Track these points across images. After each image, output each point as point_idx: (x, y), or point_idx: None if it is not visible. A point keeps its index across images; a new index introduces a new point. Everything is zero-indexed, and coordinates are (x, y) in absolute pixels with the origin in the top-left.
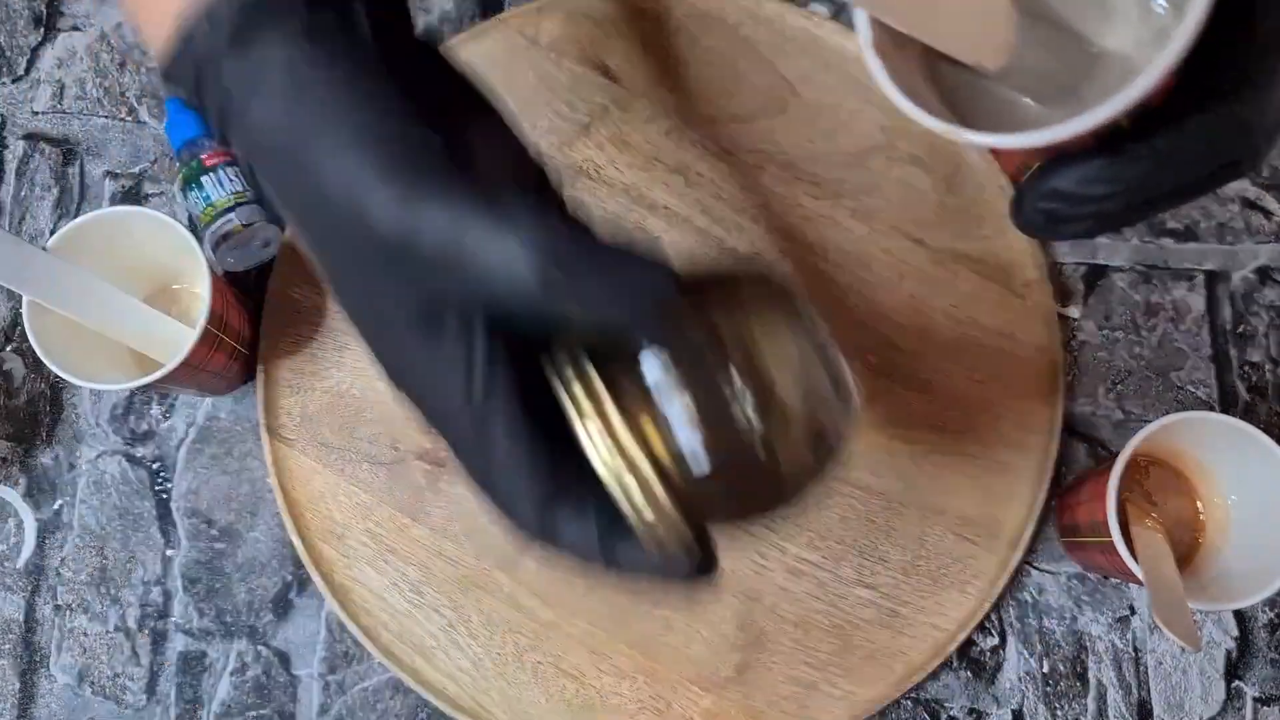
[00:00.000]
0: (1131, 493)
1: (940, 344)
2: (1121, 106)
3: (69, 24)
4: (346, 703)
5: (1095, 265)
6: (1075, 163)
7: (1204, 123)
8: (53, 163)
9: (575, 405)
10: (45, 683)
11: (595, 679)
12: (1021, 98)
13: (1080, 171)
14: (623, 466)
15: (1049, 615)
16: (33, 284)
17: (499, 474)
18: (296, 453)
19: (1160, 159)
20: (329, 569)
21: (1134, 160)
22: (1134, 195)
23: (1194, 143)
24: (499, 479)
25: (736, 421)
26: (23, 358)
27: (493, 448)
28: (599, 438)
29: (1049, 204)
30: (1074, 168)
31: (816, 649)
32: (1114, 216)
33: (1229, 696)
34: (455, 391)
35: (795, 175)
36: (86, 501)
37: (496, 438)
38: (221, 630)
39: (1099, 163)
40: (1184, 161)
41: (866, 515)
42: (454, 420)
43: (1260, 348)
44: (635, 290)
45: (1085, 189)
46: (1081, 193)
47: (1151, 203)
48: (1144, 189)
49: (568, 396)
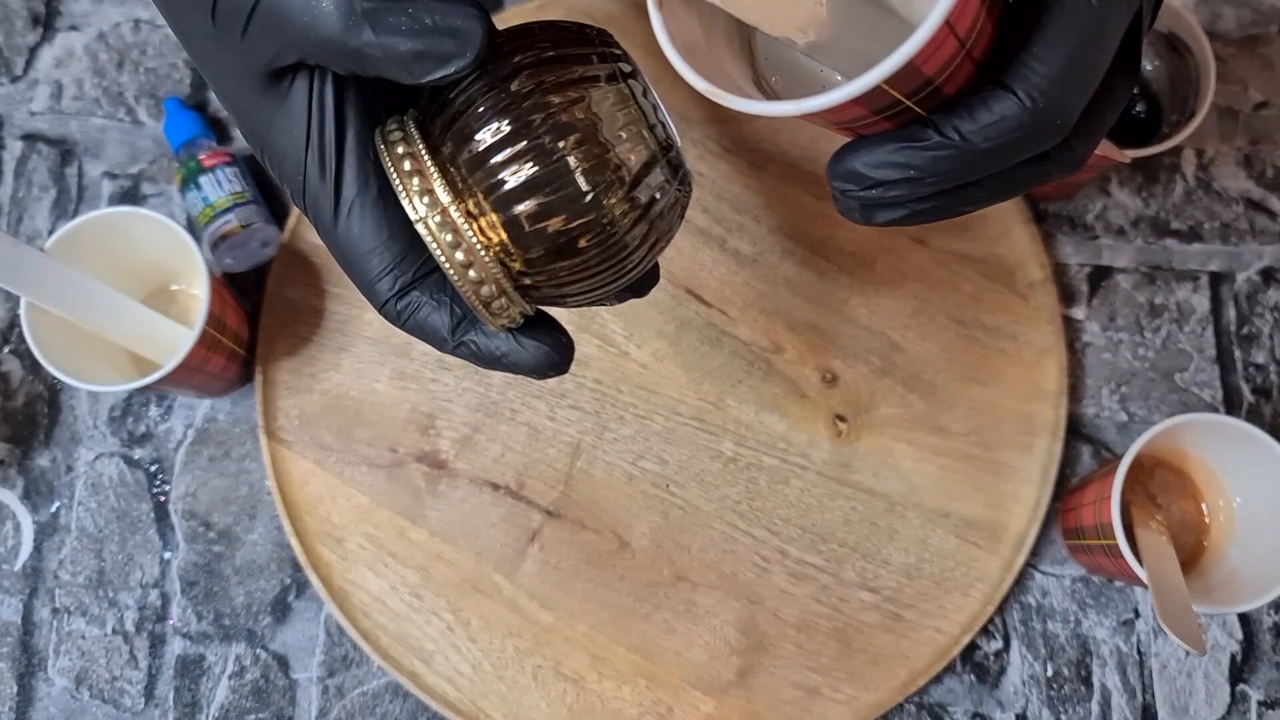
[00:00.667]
0: (1136, 495)
1: (943, 345)
2: (871, 82)
3: (67, 24)
4: (345, 706)
5: (1099, 266)
6: (867, 145)
7: (993, 111)
8: (50, 163)
9: (392, 160)
10: (43, 686)
11: (596, 683)
12: (836, 76)
13: (870, 154)
14: (434, 212)
15: (1053, 619)
16: (30, 285)
17: (354, 247)
18: (295, 455)
19: (950, 147)
20: (327, 572)
21: (922, 147)
22: (928, 183)
23: (984, 130)
24: (354, 253)
25: (556, 173)
26: (20, 359)
27: (348, 218)
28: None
29: (844, 185)
30: (865, 150)
31: (819, 653)
32: (922, 205)
33: (1234, 700)
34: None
35: (796, 175)
36: (84, 504)
37: (350, 206)
38: (220, 633)
39: (889, 147)
40: (975, 151)
41: (869, 518)
42: (311, 191)
43: (1265, 349)
44: (438, 25)
45: (876, 172)
46: (873, 175)
47: (955, 194)
48: (937, 177)
49: (386, 153)
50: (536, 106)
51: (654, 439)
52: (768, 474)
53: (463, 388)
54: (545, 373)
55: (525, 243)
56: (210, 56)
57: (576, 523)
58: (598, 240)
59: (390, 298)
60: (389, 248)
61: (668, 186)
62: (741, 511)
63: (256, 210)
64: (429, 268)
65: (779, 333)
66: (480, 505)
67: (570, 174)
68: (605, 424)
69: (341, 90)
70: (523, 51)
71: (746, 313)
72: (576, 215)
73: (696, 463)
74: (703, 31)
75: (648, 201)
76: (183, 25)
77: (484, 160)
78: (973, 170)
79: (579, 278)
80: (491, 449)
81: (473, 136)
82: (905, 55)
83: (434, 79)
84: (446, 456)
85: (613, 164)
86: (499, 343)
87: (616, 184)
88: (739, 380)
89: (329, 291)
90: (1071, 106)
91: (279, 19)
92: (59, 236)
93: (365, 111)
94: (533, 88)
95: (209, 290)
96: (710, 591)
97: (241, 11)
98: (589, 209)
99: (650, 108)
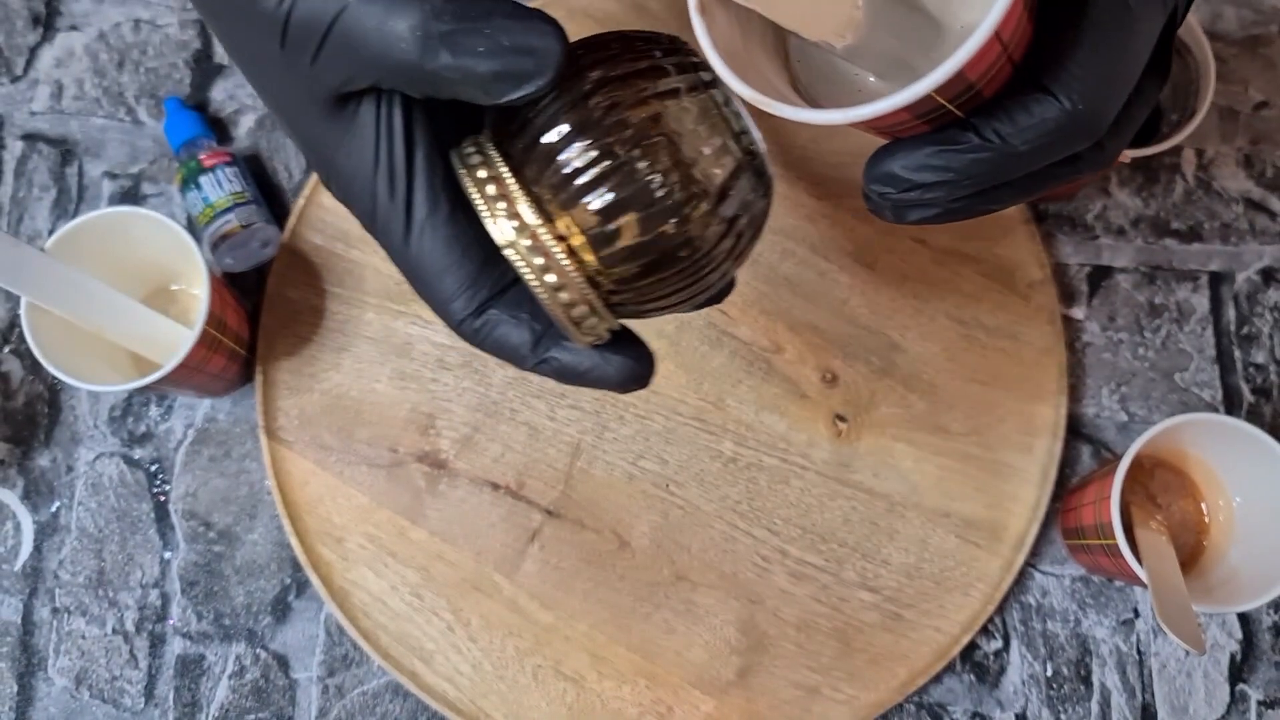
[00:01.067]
0: (1136, 495)
1: (943, 345)
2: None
3: (68, 24)
4: (345, 706)
5: (1099, 266)
6: (906, 148)
7: (1032, 114)
8: (51, 163)
9: (471, 178)
10: (43, 686)
11: (596, 683)
12: (869, 77)
13: (909, 157)
14: (523, 236)
15: (1053, 618)
16: (31, 285)
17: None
18: (295, 455)
19: (989, 150)
20: (328, 572)
21: (962, 149)
22: (965, 185)
23: (1023, 133)
24: (427, 272)
25: (643, 191)
26: (21, 359)
27: (420, 238)
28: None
29: (881, 187)
30: (904, 153)
31: (819, 652)
32: (955, 204)
33: (1233, 699)
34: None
35: (797, 174)
36: (84, 503)
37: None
38: (220, 633)
39: (928, 150)
40: (1013, 153)
41: (869, 518)
42: (381, 212)
43: (1264, 349)
44: (515, 46)
45: (914, 175)
46: (911, 178)
47: (988, 194)
48: (974, 179)
49: (468, 177)
50: (618, 125)
51: (654, 439)
52: (768, 474)
53: (463, 387)
54: (629, 386)
55: (614, 262)
56: (273, 80)
57: (576, 522)
58: (686, 256)
59: (467, 316)
60: (462, 266)
61: (753, 196)
62: (741, 511)
63: (257, 210)
64: (503, 285)
65: (779, 332)
66: (480, 505)
67: (656, 192)
68: (605, 423)
69: (409, 111)
70: (600, 66)
71: (746, 312)
72: (665, 234)
73: (696, 462)
74: (741, 36)
75: (734, 215)
76: (242, 48)
77: (569, 182)
78: (1009, 171)
79: (665, 292)
80: (492, 449)
81: (555, 157)
82: (958, 62)
83: (513, 99)
84: (447, 456)
85: (698, 179)
86: (584, 358)
87: (703, 199)
88: (739, 380)
89: (329, 291)
90: (1110, 108)
91: (353, 44)
92: (59, 236)
93: (432, 131)
94: (612, 104)
95: (209, 290)
96: (710, 591)
97: (313, 36)
98: (677, 227)
99: (733, 115)
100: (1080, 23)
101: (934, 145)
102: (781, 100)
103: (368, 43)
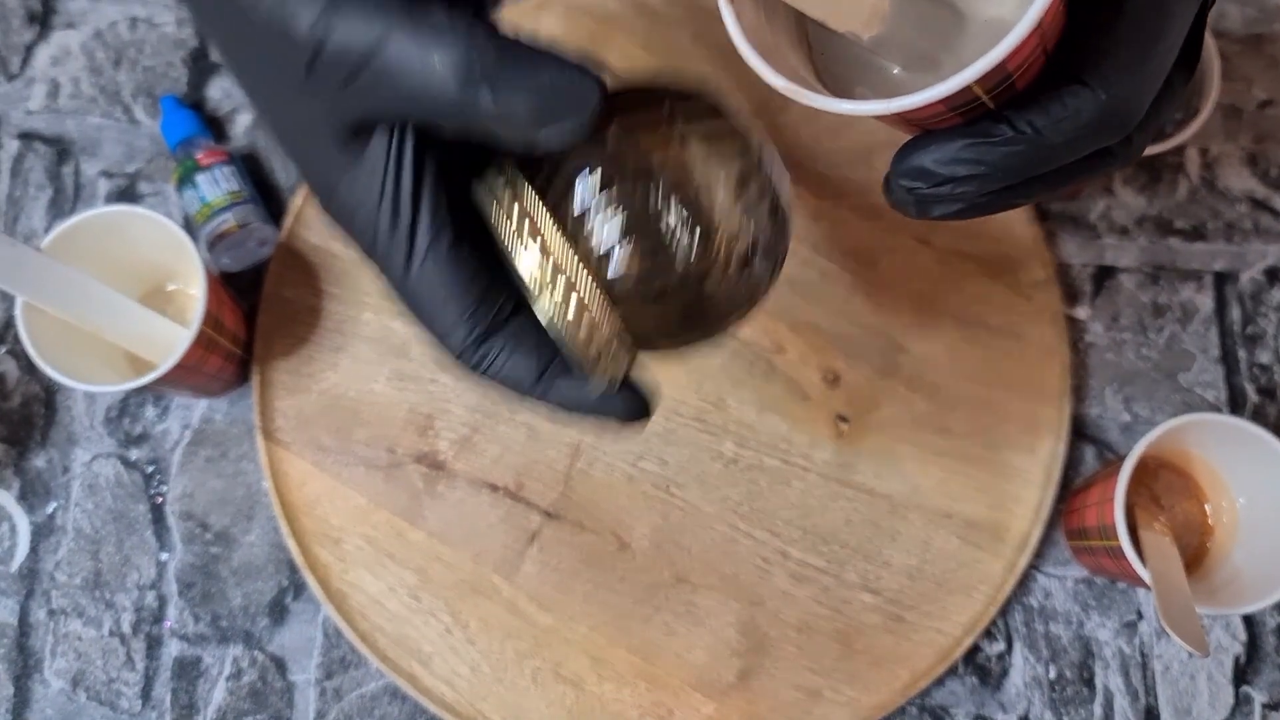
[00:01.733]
0: (1139, 496)
1: (946, 345)
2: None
3: (64, 22)
4: (343, 709)
5: (1103, 266)
6: (938, 141)
7: (1067, 106)
8: (47, 162)
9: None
10: (40, 688)
11: (595, 685)
12: (894, 69)
13: (941, 151)
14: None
15: (1055, 620)
16: (26, 285)
17: (428, 295)
18: (292, 456)
19: (1022, 143)
20: (325, 573)
21: (996, 142)
22: (997, 179)
23: (1058, 125)
24: (428, 302)
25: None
26: (16, 359)
27: (420, 268)
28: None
29: (911, 182)
30: (936, 147)
31: (820, 655)
32: (982, 199)
33: (1237, 702)
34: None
35: (799, 173)
36: (80, 505)
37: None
38: (217, 635)
39: (961, 143)
40: (1047, 146)
41: (871, 519)
42: (382, 241)
43: (1269, 349)
44: (555, 87)
45: (946, 169)
46: (943, 172)
47: (1016, 189)
48: (1006, 173)
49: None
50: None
51: (654, 440)
52: (769, 475)
53: (461, 388)
54: (631, 422)
55: (629, 304)
56: (285, 103)
57: (576, 524)
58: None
59: (468, 346)
60: (464, 297)
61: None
62: (742, 513)
63: (254, 209)
64: (504, 316)
65: (780, 333)
66: (479, 506)
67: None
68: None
69: (421, 144)
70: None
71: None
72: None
73: (697, 464)
74: (768, 27)
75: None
76: (253, 69)
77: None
78: (1041, 165)
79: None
80: (490, 450)
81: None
82: (1004, 51)
83: (550, 143)
84: (445, 457)
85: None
86: (588, 391)
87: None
88: (740, 380)
89: (326, 291)
90: (1144, 100)
91: (390, 77)
92: (55, 236)
93: (439, 163)
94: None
95: (206, 290)
96: (711, 593)
97: (345, 66)
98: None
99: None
100: (1116, 12)
101: (967, 138)
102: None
103: (406, 76)
